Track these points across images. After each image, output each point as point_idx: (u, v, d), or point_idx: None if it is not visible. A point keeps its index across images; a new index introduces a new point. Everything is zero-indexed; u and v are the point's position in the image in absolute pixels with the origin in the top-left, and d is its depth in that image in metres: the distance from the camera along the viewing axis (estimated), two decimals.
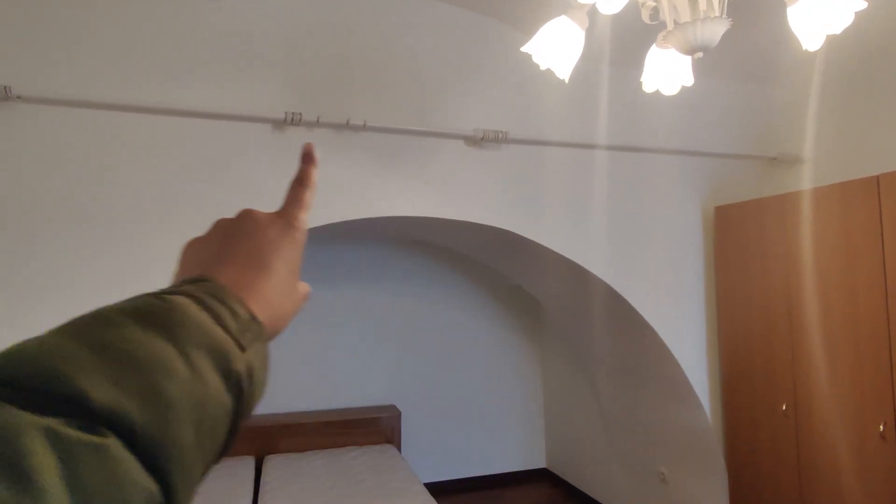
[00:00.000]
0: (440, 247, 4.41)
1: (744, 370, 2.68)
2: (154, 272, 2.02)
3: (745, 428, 2.67)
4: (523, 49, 1.32)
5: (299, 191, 0.42)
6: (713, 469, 2.86)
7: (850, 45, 2.51)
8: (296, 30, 2.28)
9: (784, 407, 2.46)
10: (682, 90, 2.62)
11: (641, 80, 1.39)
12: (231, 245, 0.37)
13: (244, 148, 2.18)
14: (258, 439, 3.59)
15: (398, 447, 3.83)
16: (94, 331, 0.25)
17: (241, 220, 0.39)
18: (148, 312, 0.27)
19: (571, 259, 2.65)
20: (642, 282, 2.76)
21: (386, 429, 3.84)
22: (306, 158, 0.43)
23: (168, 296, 0.29)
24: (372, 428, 3.81)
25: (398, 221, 2.59)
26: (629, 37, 2.43)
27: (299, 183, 0.42)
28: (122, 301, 0.28)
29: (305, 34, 2.30)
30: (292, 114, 2.18)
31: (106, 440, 0.22)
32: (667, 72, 1.34)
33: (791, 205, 2.47)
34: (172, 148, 2.09)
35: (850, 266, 2.20)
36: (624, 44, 2.53)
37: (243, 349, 0.29)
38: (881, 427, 2.08)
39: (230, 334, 0.29)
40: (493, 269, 3.98)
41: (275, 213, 0.40)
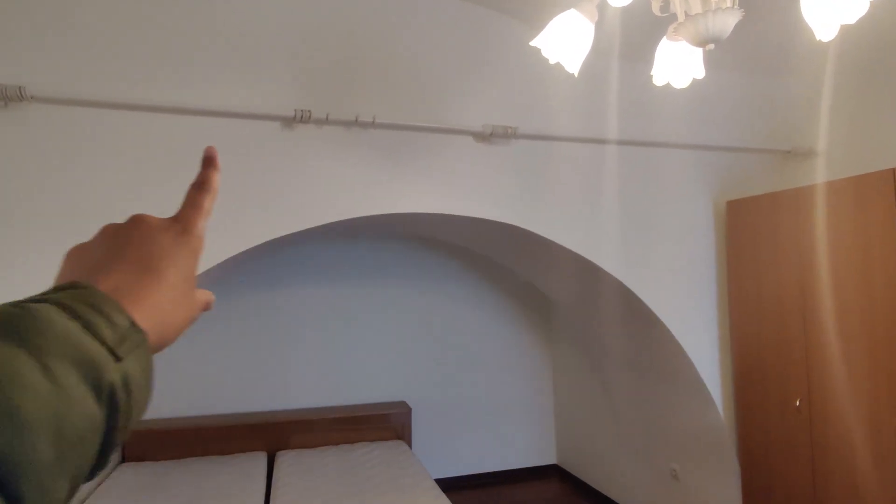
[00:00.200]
0: (450, 244, 4.41)
1: (757, 366, 2.66)
2: None
3: (758, 424, 2.65)
4: (532, 43, 1.32)
5: (198, 196, 0.39)
6: (726, 466, 2.84)
7: (864, 35, 2.47)
8: (304, 27, 2.29)
9: (798, 403, 2.43)
10: (693, 83, 2.60)
11: (652, 73, 1.37)
12: (118, 251, 0.35)
13: (254, 146, 2.19)
14: (270, 435, 3.62)
15: (409, 443, 3.84)
16: None
17: (132, 225, 0.37)
18: (1, 321, 0.25)
19: (582, 255, 2.64)
20: (653, 277, 2.74)
21: (396, 425, 3.85)
22: (207, 162, 0.41)
23: (29, 304, 0.27)
24: (382, 424, 3.83)
25: (408, 218, 2.60)
26: (638, 30, 2.41)
27: (199, 187, 0.40)
28: None
29: (314, 31, 2.30)
30: (301, 111, 2.19)
31: None
32: (678, 64, 1.33)
33: (805, 199, 2.44)
34: (182, 146, 2.10)
35: (865, 260, 2.17)
36: (633, 38, 2.51)
37: (119, 359, 0.28)
38: None
39: (104, 343, 0.27)
40: (504, 265, 3.97)
41: (170, 219, 0.38)
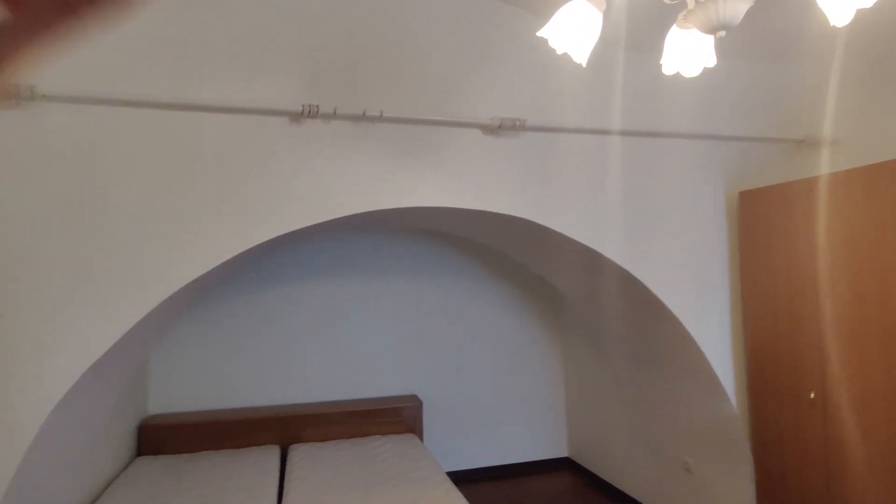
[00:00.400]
0: (460, 238, 4.41)
1: (770, 358, 2.63)
2: (173, 265, 2.06)
3: (772, 417, 2.63)
4: (539, 34, 1.30)
5: None
6: (739, 459, 2.83)
7: (878, 21, 2.42)
8: (311, 21, 2.29)
9: (812, 395, 2.41)
10: (703, 72, 2.55)
11: (661, 62, 1.36)
12: None
13: (263, 141, 2.20)
14: (283, 429, 3.65)
15: (420, 437, 3.86)
16: None
17: None
18: None
19: (592, 247, 2.63)
20: (664, 270, 2.72)
21: (408, 419, 3.87)
22: None
23: None
24: (394, 418, 3.85)
25: (417, 213, 2.60)
26: (646, 19, 2.38)
27: None
28: None
29: (321, 26, 2.30)
30: (309, 106, 2.19)
31: None
32: (688, 53, 1.31)
33: (819, 188, 2.40)
34: (192, 143, 2.12)
35: (880, 250, 2.14)
36: (641, 27, 2.48)
37: None
38: None
39: None
40: (514, 259, 3.97)
41: None
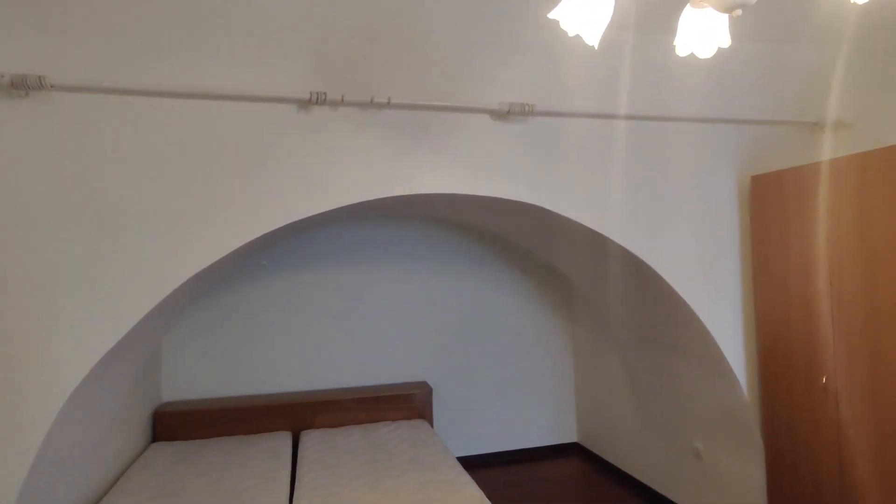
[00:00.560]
0: (470, 225, 4.40)
1: (782, 344, 2.61)
2: (183, 254, 2.07)
3: (784, 402, 2.62)
4: (550, 15, 1.28)
5: None
6: (749, 444, 2.82)
7: (894, 2, 2.36)
8: (317, 7, 2.27)
9: (824, 381, 2.39)
10: (715, 55, 2.50)
11: (675, 42, 1.33)
12: None
13: (271, 129, 2.19)
14: (295, 415, 3.69)
15: (430, 423, 3.88)
16: None
17: None
18: None
19: (602, 233, 2.61)
20: (675, 255, 2.70)
21: (418, 405, 3.90)
22: None
23: None
24: (404, 404, 3.87)
25: (426, 199, 2.59)
26: (656, 1, 2.34)
27: None
28: None
29: (327, 12, 2.28)
30: (317, 93, 2.18)
31: None
32: (702, 33, 1.28)
33: (833, 172, 2.36)
34: (200, 131, 2.12)
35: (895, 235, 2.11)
36: (651, 8, 2.43)
37: None
38: None
39: None
40: (523, 246, 3.95)
41: None
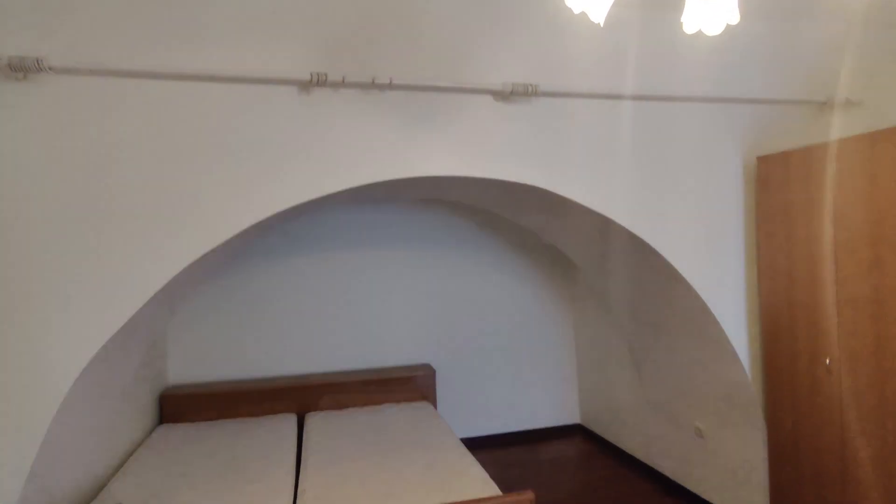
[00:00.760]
0: (472, 207, 4.38)
1: (785, 324, 2.61)
2: (185, 238, 2.07)
3: (786, 382, 2.62)
4: None
5: None
6: (751, 424, 2.84)
7: None
8: None
9: (828, 361, 2.39)
10: (721, 33, 2.45)
11: (682, 19, 1.31)
12: None
13: (272, 111, 2.17)
14: (299, 398, 3.73)
15: (434, 405, 3.92)
16: None
17: None
18: None
19: (605, 215, 2.59)
20: (678, 237, 2.69)
21: (422, 387, 3.92)
22: None
23: None
24: (408, 386, 3.90)
25: (428, 182, 2.57)
26: None
27: None
28: None
29: None
30: (318, 74, 2.16)
31: None
32: (710, 9, 1.26)
33: (841, 152, 2.33)
34: (200, 113, 2.10)
35: None
36: None
37: None
38: None
39: None
40: (526, 228, 3.94)
41: None
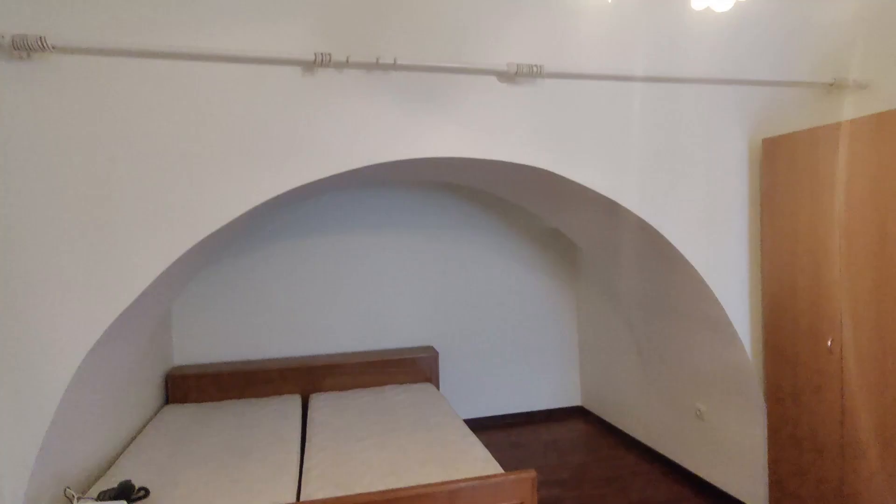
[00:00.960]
0: (476, 190, 4.37)
1: (788, 306, 2.62)
2: (190, 218, 2.07)
3: (787, 364, 2.64)
4: None
5: None
6: (751, 406, 2.86)
7: None
8: None
9: (829, 343, 2.41)
10: (728, 12, 2.43)
11: None
12: None
13: (276, 92, 2.16)
14: (304, 379, 3.76)
15: (437, 386, 3.95)
16: None
17: None
18: None
19: (609, 197, 2.59)
20: (683, 219, 2.68)
21: (425, 369, 3.96)
22: None
23: None
24: (411, 368, 3.94)
25: (432, 163, 2.57)
26: None
27: None
28: None
29: None
30: (322, 55, 2.14)
31: None
32: None
33: (848, 134, 2.32)
34: (204, 93, 2.09)
35: None
36: None
37: None
38: None
39: None
40: (529, 210, 3.94)
41: None
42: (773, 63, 2.78)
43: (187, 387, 3.58)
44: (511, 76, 2.42)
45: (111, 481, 2.32)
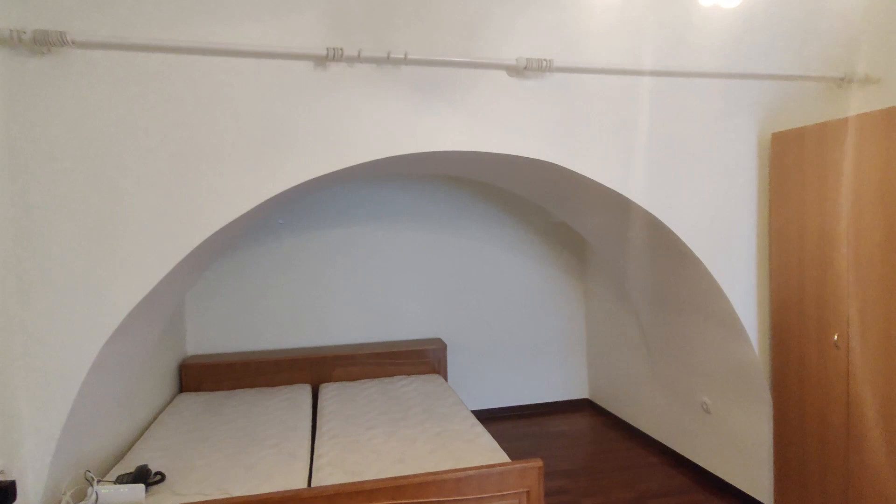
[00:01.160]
0: (485, 184, 4.40)
1: (795, 300, 2.63)
2: (203, 212, 2.12)
3: (794, 358, 2.65)
4: None
5: None
6: (758, 400, 2.88)
7: None
8: None
9: (836, 338, 2.42)
10: (739, 5, 2.43)
11: None
12: None
13: (288, 86, 2.19)
14: (314, 369, 3.82)
15: (445, 378, 4.00)
16: None
17: None
18: None
19: (618, 191, 2.61)
20: (691, 214, 2.70)
21: (433, 360, 4.00)
22: None
23: None
24: (419, 360, 3.98)
25: (442, 157, 2.59)
26: None
27: None
28: None
29: None
30: (334, 49, 2.17)
31: None
32: None
33: (857, 129, 2.32)
34: (218, 88, 2.13)
35: None
36: None
37: None
38: None
39: None
40: (537, 204, 3.96)
41: None
42: (782, 58, 2.77)
43: (200, 376, 3.65)
44: (520, 70, 2.44)
45: (128, 466, 2.39)
